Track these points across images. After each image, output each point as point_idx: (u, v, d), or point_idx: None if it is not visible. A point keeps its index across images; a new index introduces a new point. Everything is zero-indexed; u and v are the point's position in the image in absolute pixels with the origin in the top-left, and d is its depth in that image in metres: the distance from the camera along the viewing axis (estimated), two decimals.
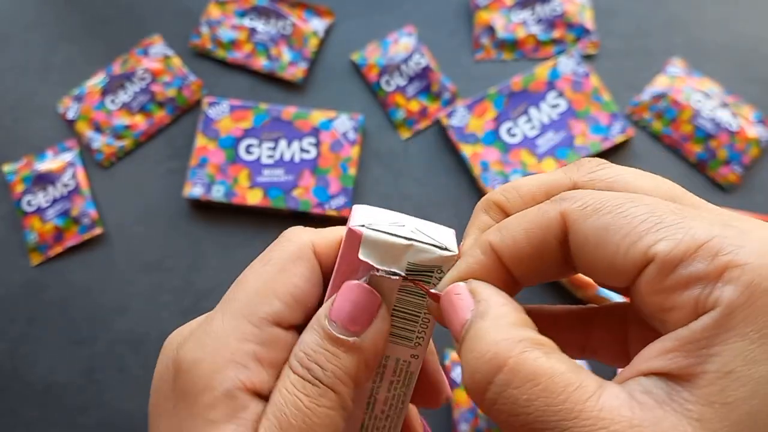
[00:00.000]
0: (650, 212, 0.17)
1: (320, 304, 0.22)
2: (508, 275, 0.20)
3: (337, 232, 0.23)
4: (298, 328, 0.21)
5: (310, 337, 0.20)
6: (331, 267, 0.22)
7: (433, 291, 0.21)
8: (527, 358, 0.17)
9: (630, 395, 0.16)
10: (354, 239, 0.21)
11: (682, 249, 0.16)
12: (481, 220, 0.22)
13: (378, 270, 0.21)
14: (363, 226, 0.21)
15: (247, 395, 0.19)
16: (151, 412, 0.21)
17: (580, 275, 0.22)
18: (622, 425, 0.15)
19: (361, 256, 0.21)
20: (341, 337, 0.20)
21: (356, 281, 0.21)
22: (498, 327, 0.18)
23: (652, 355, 0.16)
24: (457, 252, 0.21)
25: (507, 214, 0.21)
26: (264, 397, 0.20)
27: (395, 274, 0.21)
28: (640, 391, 0.16)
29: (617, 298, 0.54)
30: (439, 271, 0.21)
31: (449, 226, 0.24)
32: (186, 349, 0.20)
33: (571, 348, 0.23)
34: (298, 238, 0.22)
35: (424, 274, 0.21)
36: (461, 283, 0.20)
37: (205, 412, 0.19)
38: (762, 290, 0.15)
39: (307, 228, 0.23)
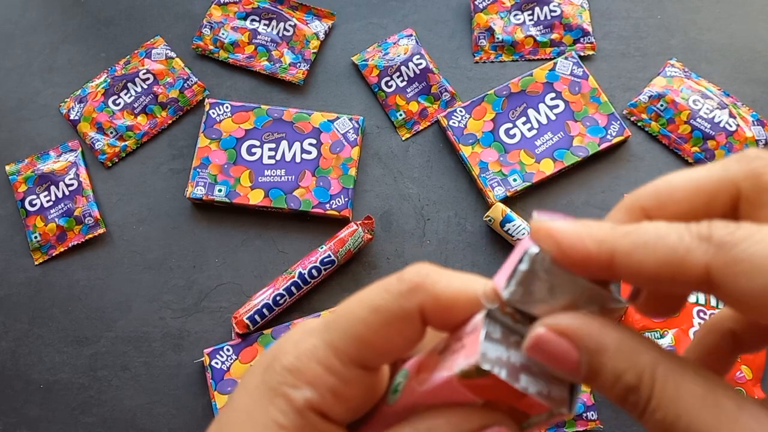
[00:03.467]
0: None
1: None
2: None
3: (462, 292, 0.20)
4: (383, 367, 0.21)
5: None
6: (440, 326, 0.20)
7: None
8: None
9: None
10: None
11: None
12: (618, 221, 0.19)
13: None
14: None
15: (314, 414, 0.19)
16: (240, 382, 0.21)
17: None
18: None
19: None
20: None
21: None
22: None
23: None
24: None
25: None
26: (328, 417, 0.20)
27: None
28: None
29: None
30: None
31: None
32: (285, 351, 0.20)
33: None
34: (414, 291, 0.19)
35: None
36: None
37: (272, 412, 0.19)
38: None
39: (436, 271, 0.20)
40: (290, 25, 0.67)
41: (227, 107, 0.62)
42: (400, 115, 0.64)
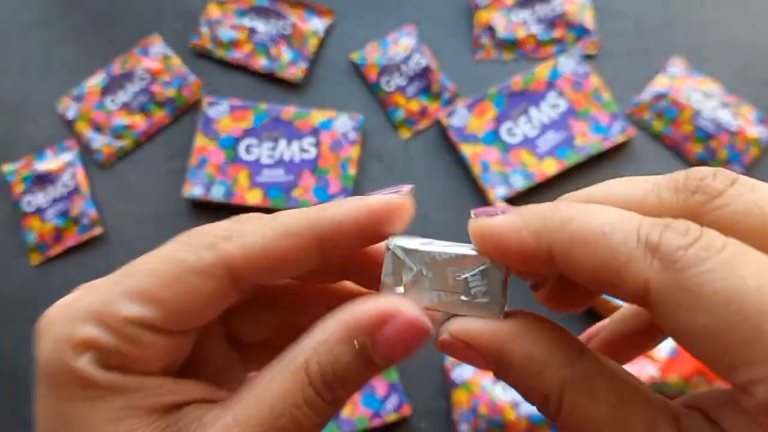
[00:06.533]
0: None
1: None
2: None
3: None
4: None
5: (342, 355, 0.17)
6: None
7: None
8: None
9: None
10: None
11: None
12: None
13: None
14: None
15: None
16: None
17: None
18: None
19: None
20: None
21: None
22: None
23: None
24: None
25: None
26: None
27: None
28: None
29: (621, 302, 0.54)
30: None
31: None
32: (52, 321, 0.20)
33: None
34: (218, 242, 0.18)
35: None
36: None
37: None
38: None
39: (252, 221, 0.18)
40: (289, 23, 0.66)
41: (225, 106, 0.62)
42: (401, 114, 0.63)
